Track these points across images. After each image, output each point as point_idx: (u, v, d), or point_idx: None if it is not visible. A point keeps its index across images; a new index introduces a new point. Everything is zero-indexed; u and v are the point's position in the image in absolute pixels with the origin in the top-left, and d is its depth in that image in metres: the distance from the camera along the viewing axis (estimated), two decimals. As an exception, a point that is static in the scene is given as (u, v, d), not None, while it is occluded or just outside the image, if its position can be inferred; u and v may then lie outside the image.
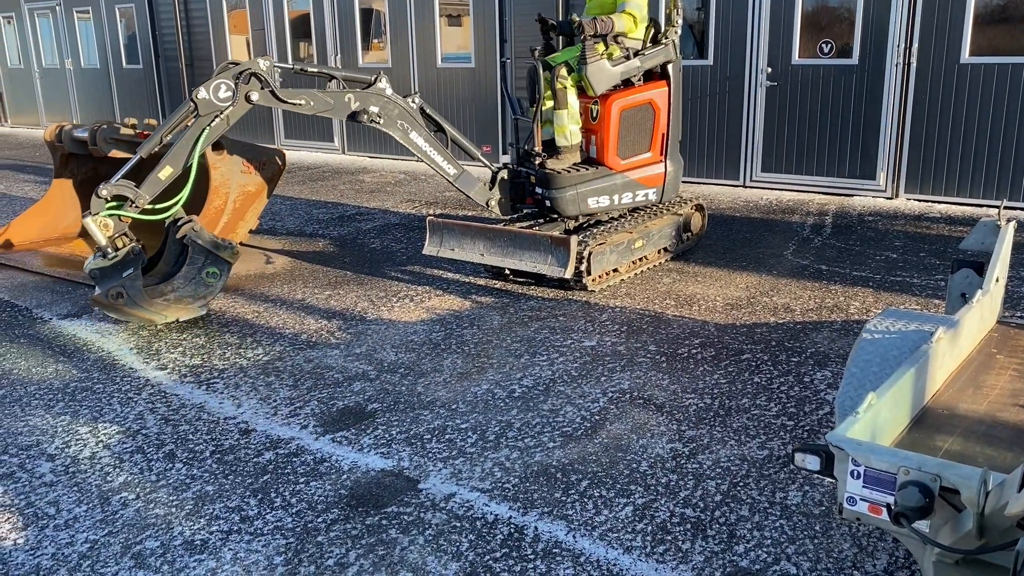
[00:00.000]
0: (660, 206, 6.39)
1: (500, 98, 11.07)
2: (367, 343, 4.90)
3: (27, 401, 4.20)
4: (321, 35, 12.58)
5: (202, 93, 5.06)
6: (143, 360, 4.73)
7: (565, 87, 5.79)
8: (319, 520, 3.09)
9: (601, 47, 5.86)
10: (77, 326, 5.32)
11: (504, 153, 10.97)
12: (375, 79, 5.65)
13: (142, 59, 15.20)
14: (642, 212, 6.30)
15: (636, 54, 5.94)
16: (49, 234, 7.19)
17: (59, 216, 7.23)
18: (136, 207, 4.99)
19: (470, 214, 8.25)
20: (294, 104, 5.36)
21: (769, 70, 8.97)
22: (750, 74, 9.11)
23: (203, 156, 6.14)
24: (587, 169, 5.94)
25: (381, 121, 5.60)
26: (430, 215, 7.51)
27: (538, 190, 6.00)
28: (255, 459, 3.56)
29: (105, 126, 6.58)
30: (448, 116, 10.56)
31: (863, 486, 2.06)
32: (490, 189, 6.08)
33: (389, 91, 5.66)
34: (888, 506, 2.00)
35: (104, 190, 4.89)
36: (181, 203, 5.16)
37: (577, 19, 5.76)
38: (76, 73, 16.61)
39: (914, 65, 8.20)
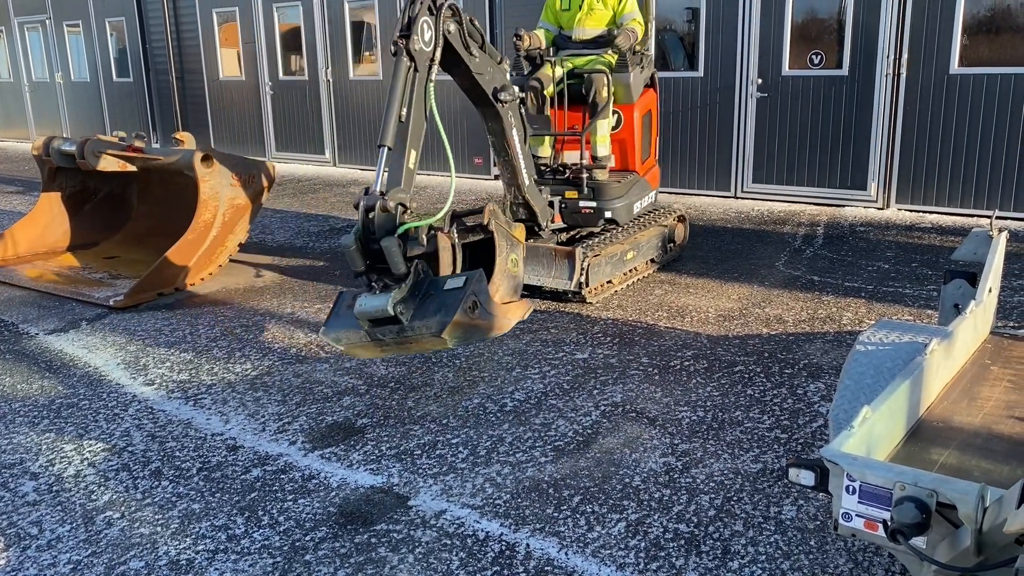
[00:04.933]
0: (645, 217, 6.42)
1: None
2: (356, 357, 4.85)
3: (11, 418, 4.14)
4: (312, 48, 12.57)
5: (417, 44, 4.08)
6: (130, 376, 4.67)
7: (606, 97, 5.83)
8: (307, 538, 3.04)
9: (634, 57, 6.10)
10: (64, 341, 5.26)
11: (494, 165, 10.95)
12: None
13: (132, 73, 15.16)
14: (630, 223, 6.30)
15: (644, 61, 6.25)
16: (37, 248, 7.13)
17: (47, 230, 7.18)
18: (412, 212, 3.85)
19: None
20: (471, 55, 4.62)
21: (760, 81, 8.99)
22: (741, 85, 9.13)
23: (192, 169, 6.13)
24: (625, 176, 6.10)
25: (507, 105, 5.04)
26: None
27: (587, 204, 5.91)
28: (242, 476, 3.51)
29: (95, 140, 6.54)
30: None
31: (859, 502, 2.03)
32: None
33: (516, 89, 5.18)
34: (884, 522, 1.97)
35: (391, 202, 3.67)
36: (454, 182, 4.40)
37: (616, 33, 5.94)
38: (66, 87, 16.55)
39: (904, 76, 8.22)
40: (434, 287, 3.65)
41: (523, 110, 5.30)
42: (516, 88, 5.02)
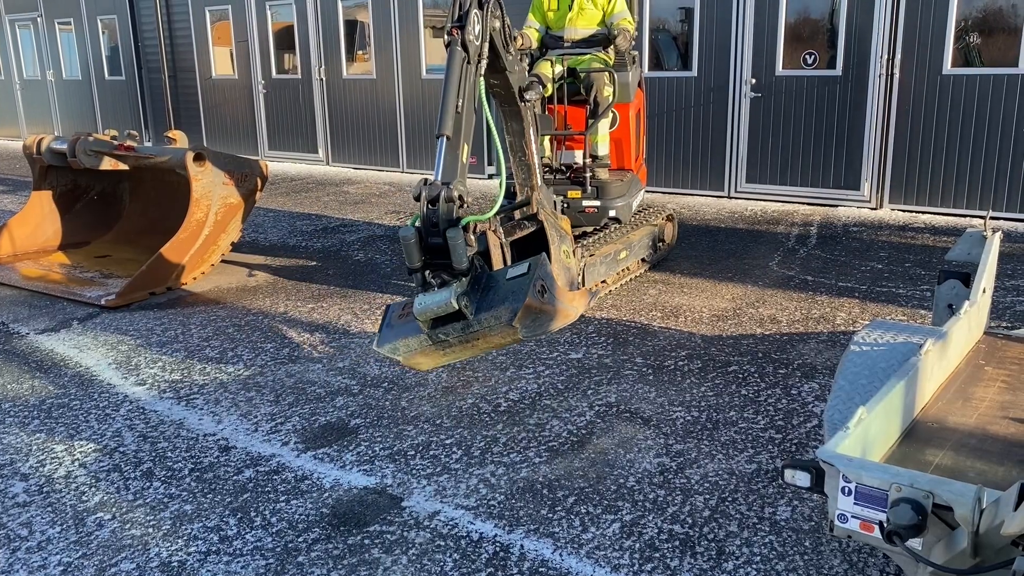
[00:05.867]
0: (635, 216, 6.42)
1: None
2: (350, 357, 4.83)
3: (1, 419, 4.11)
4: (305, 46, 12.53)
5: (471, 34, 3.88)
6: (122, 376, 4.64)
7: (609, 96, 5.83)
8: (300, 540, 3.02)
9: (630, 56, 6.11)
10: (54, 341, 5.23)
11: (490, 164, 10.94)
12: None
13: (124, 71, 15.09)
14: (623, 223, 6.29)
15: (636, 60, 6.29)
16: (28, 247, 7.09)
17: (38, 229, 7.14)
18: (468, 206, 3.53)
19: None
20: (507, 53, 4.44)
21: (753, 81, 8.99)
22: (734, 85, 9.12)
23: (184, 168, 6.10)
24: (624, 175, 6.13)
25: (530, 104, 4.99)
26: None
27: (592, 203, 5.90)
28: (235, 477, 3.48)
29: (86, 138, 6.51)
30: (433, 128, 10.52)
31: (854, 503, 2.02)
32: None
33: (541, 89, 5.19)
34: (880, 524, 1.96)
35: (455, 191, 3.41)
36: (504, 181, 4.03)
37: (615, 32, 5.90)
38: (58, 85, 16.46)
39: (897, 76, 8.23)
40: (493, 280, 3.39)
41: (535, 109, 5.18)
42: (540, 86, 4.95)
